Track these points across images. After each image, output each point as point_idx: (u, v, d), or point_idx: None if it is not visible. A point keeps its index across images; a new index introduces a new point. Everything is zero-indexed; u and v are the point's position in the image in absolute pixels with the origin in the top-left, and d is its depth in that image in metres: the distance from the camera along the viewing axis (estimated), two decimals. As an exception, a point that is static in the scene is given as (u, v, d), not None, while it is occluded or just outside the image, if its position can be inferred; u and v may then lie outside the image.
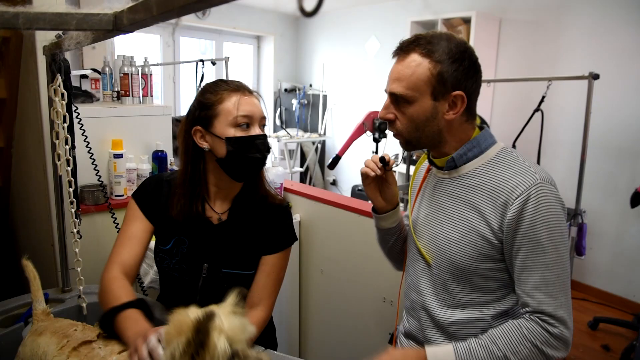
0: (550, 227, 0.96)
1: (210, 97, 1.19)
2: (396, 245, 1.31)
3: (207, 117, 1.18)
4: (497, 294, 1.07)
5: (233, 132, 1.16)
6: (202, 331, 0.75)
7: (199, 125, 1.19)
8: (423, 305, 1.15)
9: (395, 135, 1.11)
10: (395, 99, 1.06)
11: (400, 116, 1.07)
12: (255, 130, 1.19)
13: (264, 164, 1.24)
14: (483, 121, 1.15)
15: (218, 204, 1.27)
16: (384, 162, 1.17)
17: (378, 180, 1.21)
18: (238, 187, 1.28)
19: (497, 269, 1.04)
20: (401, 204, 1.85)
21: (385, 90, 1.08)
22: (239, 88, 1.20)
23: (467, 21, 4.05)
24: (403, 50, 1.05)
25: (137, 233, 1.26)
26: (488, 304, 1.07)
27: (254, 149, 1.19)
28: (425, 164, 1.24)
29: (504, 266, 1.04)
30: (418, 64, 1.01)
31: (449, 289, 1.10)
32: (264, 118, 1.23)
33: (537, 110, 2.95)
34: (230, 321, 0.81)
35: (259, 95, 1.25)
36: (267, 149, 1.23)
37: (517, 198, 0.97)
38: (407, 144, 1.10)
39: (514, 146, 3.07)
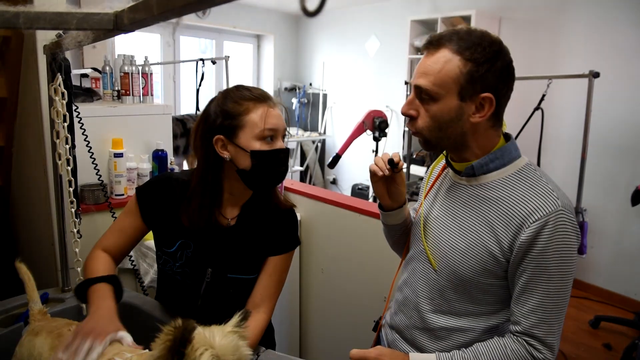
0: (562, 256, 0.93)
1: (235, 106, 1.15)
2: (402, 239, 1.30)
3: (232, 127, 1.15)
4: (493, 308, 1.06)
5: (259, 146, 1.14)
6: (180, 340, 0.75)
7: (222, 134, 1.16)
8: (416, 306, 1.13)
9: (414, 134, 1.06)
10: (420, 93, 1.00)
11: (423, 113, 1.01)
12: (279, 144, 1.18)
13: (285, 177, 1.23)
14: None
15: (228, 210, 1.26)
16: (393, 165, 1.12)
17: (386, 180, 1.17)
18: (249, 193, 1.27)
19: (498, 285, 1.03)
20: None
21: (411, 83, 1.04)
22: (264, 99, 1.17)
23: (467, 20, 4.05)
24: (433, 44, 0.99)
25: (129, 230, 1.26)
26: (482, 316, 1.06)
27: (278, 163, 1.18)
28: (442, 162, 1.20)
29: (506, 283, 1.02)
30: (448, 60, 0.96)
31: (446, 296, 1.08)
32: (285, 129, 1.21)
33: (537, 108, 2.95)
34: (223, 340, 0.80)
35: (283, 106, 1.23)
36: (288, 161, 1.23)
37: (534, 222, 0.93)
38: (426, 144, 1.05)
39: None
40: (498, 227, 0.98)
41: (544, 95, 2.91)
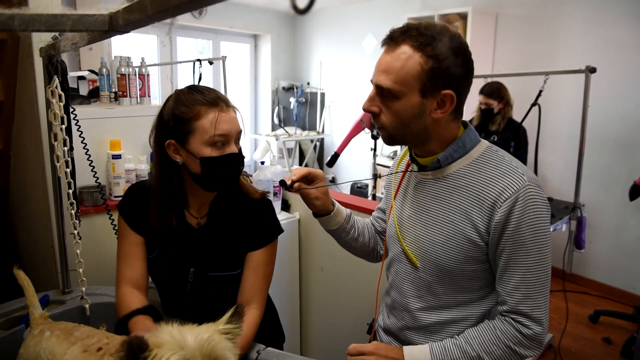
0: (535, 229, 0.95)
1: (186, 110, 1.13)
2: (349, 243, 1.31)
3: (182, 131, 1.13)
4: (481, 293, 1.07)
5: (209, 152, 1.12)
6: (131, 357, 0.75)
7: (173, 138, 1.15)
8: (406, 307, 1.13)
9: (378, 129, 1.06)
10: (381, 91, 0.99)
11: (385, 110, 1.01)
12: (231, 148, 1.16)
13: (237, 180, 1.22)
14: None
15: (196, 210, 1.26)
16: (284, 185, 1.19)
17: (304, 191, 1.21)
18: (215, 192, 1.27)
19: (482, 269, 1.04)
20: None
21: (371, 81, 1.02)
22: (216, 102, 1.14)
23: (463, 17, 4.05)
24: (393, 40, 0.97)
25: (132, 249, 1.26)
26: (472, 303, 1.07)
27: (228, 169, 1.16)
28: (405, 159, 1.21)
29: (489, 266, 1.04)
30: (409, 56, 0.94)
31: (434, 291, 1.08)
32: (240, 132, 1.19)
33: (534, 104, 2.95)
34: (197, 340, 0.79)
35: (236, 108, 1.20)
36: (242, 163, 1.21)
37: (505, 200, 0.95)
38: (390, 139, 1.05)
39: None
40: (472, 212, 1.00)
41: (540, 91, 2.91)
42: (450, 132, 1.04)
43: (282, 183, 1.20)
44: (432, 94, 0.97)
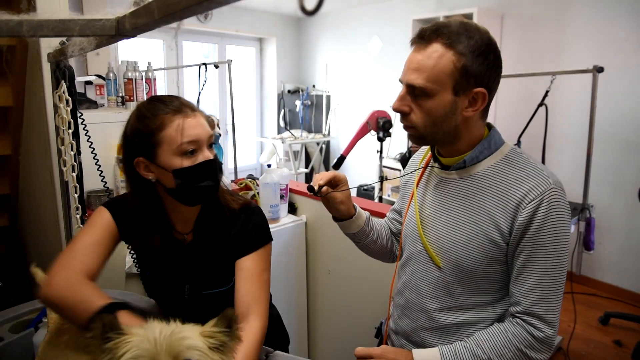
0: (557, 232, 0.95)
1: (149, 122, 1.05)
2: (368, 246, 1.31)
3: (149, 146, 1.05)
4: (499, 294, 1.06)
5: (180, 162, 1.05)
6: (101, 335, 0.76)
7: (141, 155, 1.07)
8: (422, 307, 1.13)
9: (407, 128, 1.05)
10: (413, 90, 0.98)
11: (416, 109, 1.00)
12: (204, 155, 1.08)
13: (217, 188, 1.14)
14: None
15: (181, 226, 1.20)
16: (312, 191, 1.17)
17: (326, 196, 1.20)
18: (198, 206, 1.19)
19: (502, 270, 1.03)
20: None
21: (401, 80, 1.00)
22: (180, 109, 1.07)
23: (469, 17, 4.04)
24: (424, 39, 0.97)
25: (104, 241, 1.14)
26: (489, 305, 1.07)
27: (204, 177, 1.09)
28: (426, 158, 1.20)
29: (507, 267, 1.03)
30: (441, 55, 0.94)
31: (452, 292, 1.08)
32: (211, 137, 1.11)
33: (541, 104, 2.93)
34: (164, 336, 0.77)
35: (203, 112, 1.13)
36: (220, 170, 1.13)
37: (530, 202, 0.95)
38: (419, 139, 1.04)
39: (519, 141, 3.06)
40: (495, 212, 0.99)
41: (547, 91, 2.90)
42: (478, 131, 1.04)
43: (310, 189, 1.17)
44: (464, 92, 0.97)
